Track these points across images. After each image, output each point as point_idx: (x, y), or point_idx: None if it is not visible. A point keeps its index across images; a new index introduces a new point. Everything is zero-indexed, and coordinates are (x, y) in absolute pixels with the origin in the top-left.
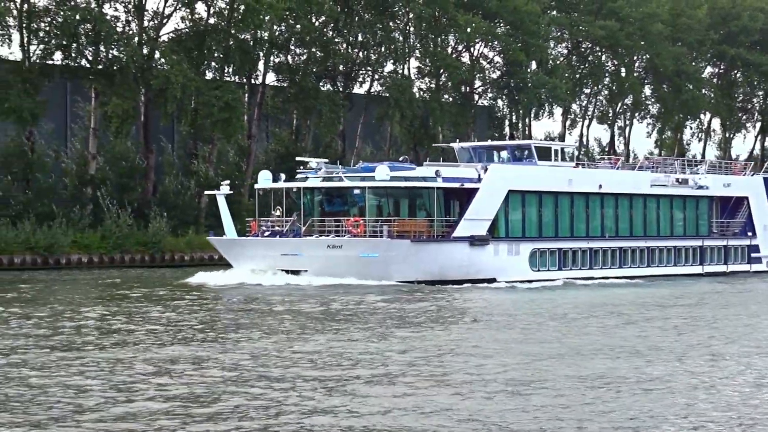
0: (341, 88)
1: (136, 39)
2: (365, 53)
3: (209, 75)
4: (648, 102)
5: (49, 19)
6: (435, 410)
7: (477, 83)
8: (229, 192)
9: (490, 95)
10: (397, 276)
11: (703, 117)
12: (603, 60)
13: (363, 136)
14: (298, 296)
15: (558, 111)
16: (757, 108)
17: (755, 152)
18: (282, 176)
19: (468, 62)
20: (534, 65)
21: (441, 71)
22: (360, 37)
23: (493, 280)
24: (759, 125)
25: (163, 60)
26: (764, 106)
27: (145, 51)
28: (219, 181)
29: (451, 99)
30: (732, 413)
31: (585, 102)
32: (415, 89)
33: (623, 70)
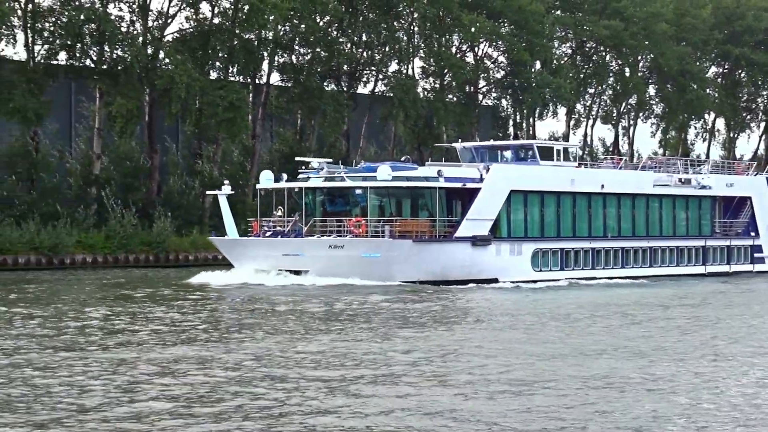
0: (345, 88)
1: (141, 39)
2: (369, 53)
3: (214, 75)
4: (652, 102)
5: (54, 19)
6: (438, 411)
7: (481, 83)
8: (231, 192)
9: (495, 95)
10: (399, 276)
11: (708, 117)
12: (607, 60)
13: (367, 136)
14: (301, 296)
15: (562, 111)
16: (762, 108)
17: (759, 152)
18: (284, 176)
19: (472, 62)
20: (538, 65)
21: (445, 71)
22: (364, 37)
23: (495, 281)
24: (763, 125)
25: (168, 60)
26: None
27: (150, 51)
28: (223, 181)
29: (455, 99)
30: (736, 413)
31: (589, 102)
32: (420, 89)
33: (627, 70)
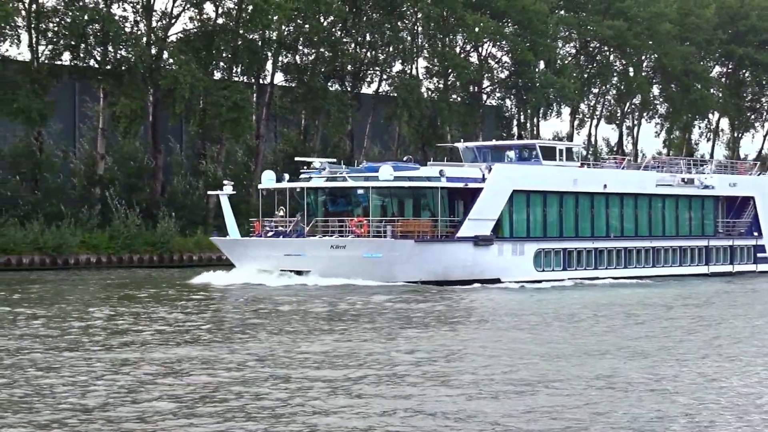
0: (349, 88)
1: (145, 39)
2: (373, 53)
3: (217, 75)
4: (656, 102)
5: (58, 20)
6: (442, 411)
7: (485, 83)
8: (233, 192)
9: (499, 95)
10: (401, 276)
11: (712, 117)
12: (611, 60)
13: (371, 136)
14: (303, 297)
15: (566, 111)
16: (766, 107)
17: (764, 152)
18: (286, 176)
19: (476, 62)
20: (542, 65)
21: (449, 71)
22: (368, 37)
23: (498, 281)
24: (767, 124)
25: (172, 60)
26: None
27: (154, 51)
28: (226, 181)
29: (460, 99)
30: (739, 414)
31: (593, 102)
32: (424, 89)
33: (631, 70)
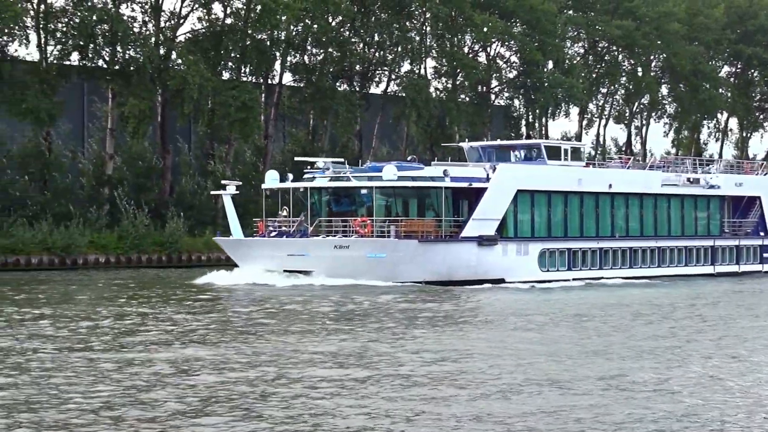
0: (358, 88)
1: (153, 39)
2: (382, 53)
3: (226, 75)
4: (665, 101)
5: (66, 20)
6: (450, 411)
7: (493, 83)
8: (236, 192)
9: (507, 95)
10: (405, 276)
11: (720, 116)
12: (619, 59)
13: (380, 136)
14: (307, 297)
15: (574, 111)
16: None
17: None
18: (290, 176)
19: (484, 62)
20: (550, 65)
21: (457, 71)
22: (376, 37)
23: (502, 281)
24: None
25: (180, 60)
26: None
27: (162, 51)
28: (228, 181)
29: (468, 99)
30: (747, 414)
31: (602, 101)
32: (432, 89)
33: (640, 70)
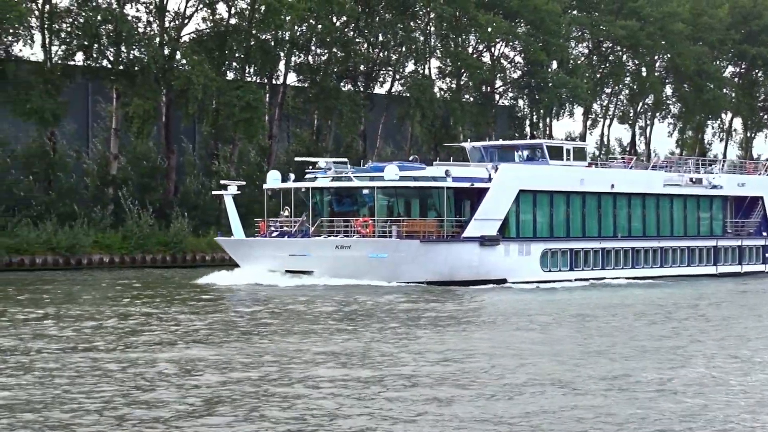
0: (362, 88)
1: (158, 39)
2: (386, 53)
3: (230, 75)
4: (669, 102)
5: (71, 20)
6: (453, 411)
7: (498, 83)
8: (237, 192)
9: (511, 95)
10: (407, 277)
11: (725, 116)
12: (624, 59)
13: (384, 136)
14: (309, 297)
15: (579, 111)
16: None
17: None
18: (291, 176)
19: (489, 62)
20: (555, 65)
21: (462, 71)
22: (381, 37)
23: (504, 281)
24: None
25: (185, 60)
26: None
27: (167, 51)
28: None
29: (472, 99)
30: (751, 414)
31: (606, 102)
32: (436, 89)
33: (644, 70)
